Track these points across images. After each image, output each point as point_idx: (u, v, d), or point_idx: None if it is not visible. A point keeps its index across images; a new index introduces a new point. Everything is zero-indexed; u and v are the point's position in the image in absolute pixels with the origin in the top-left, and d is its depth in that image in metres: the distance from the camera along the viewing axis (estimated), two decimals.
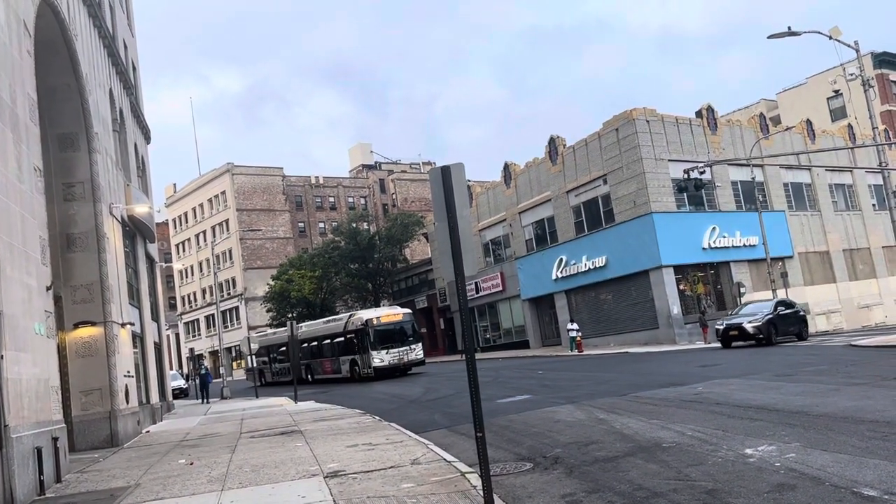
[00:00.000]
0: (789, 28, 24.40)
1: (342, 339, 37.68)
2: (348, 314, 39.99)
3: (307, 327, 42.60)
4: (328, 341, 39.42)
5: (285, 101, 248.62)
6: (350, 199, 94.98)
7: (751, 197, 40.43)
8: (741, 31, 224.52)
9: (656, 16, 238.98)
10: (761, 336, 27.40)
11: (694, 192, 34.47)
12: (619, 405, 13.95)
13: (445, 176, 7.71)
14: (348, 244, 68.13)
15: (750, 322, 27.61)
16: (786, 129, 45.31)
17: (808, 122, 47.39)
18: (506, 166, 49.83)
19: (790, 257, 42.32)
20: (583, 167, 42.29)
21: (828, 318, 43.42)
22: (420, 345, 36.25)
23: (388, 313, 36.44)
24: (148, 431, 20.19)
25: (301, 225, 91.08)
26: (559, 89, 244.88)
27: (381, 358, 34.27)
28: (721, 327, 28.65)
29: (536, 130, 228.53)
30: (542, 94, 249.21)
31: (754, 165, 38.73)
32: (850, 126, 48.52)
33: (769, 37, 24.66)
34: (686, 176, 29.42)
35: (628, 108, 40.23)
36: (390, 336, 35.04)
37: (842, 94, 56.39)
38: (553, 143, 44.84)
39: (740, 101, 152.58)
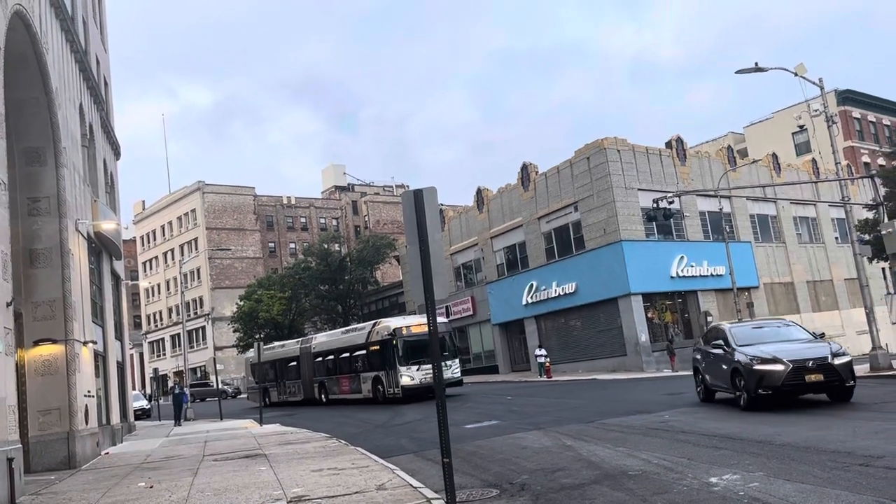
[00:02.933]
0: (756, 64, 25.00)
1: (364, 351, 31.73)
2: (372, 322, 33.22)
3: (322, 338, 37.39)
4: (346, 355, 33.08)
5: (255, 117, 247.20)
6: (322, 220, 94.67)
7: (718, 227, 41.12)
8: (713, 62, 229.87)
9: (630, 43, 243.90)
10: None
11: (663, 222, 35.01)
12: (587, 432, 13.96)
13: (418, 200, 7.74)
14: (319, 265, 67.81)
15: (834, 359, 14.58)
16: (752, 162, 46.31)
17: (774, 156, 48.49)
18: (478, 191, 50.14)
19: (756, 287, 43.01)
20: (554, 194, 42.70)
21: None
22: (457, 361, 30.31)
23: (421, 322, 29.11)
24: (107, 453, 19.70)
25: (271, 245, 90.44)
26: (533, 112, 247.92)
27: (410, 375, 28.27)
28: (781, 369, 14.28)
29: (510, 153, 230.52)
30: (516, 117, 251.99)
31: (722, 196, 39.46)
32: (814, 160, 49.74)
33: (737, 72, 25.23)
34: (655, 205, 29.85)
35: (600, 136, 40.90)
36: (422, 349, 28.41)
37: (806, 129, 57.81)
38: (525, 169, 45.25)
39: (710, 132, 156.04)
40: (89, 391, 18.49)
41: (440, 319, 29.68)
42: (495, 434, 15.10)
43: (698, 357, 17.98)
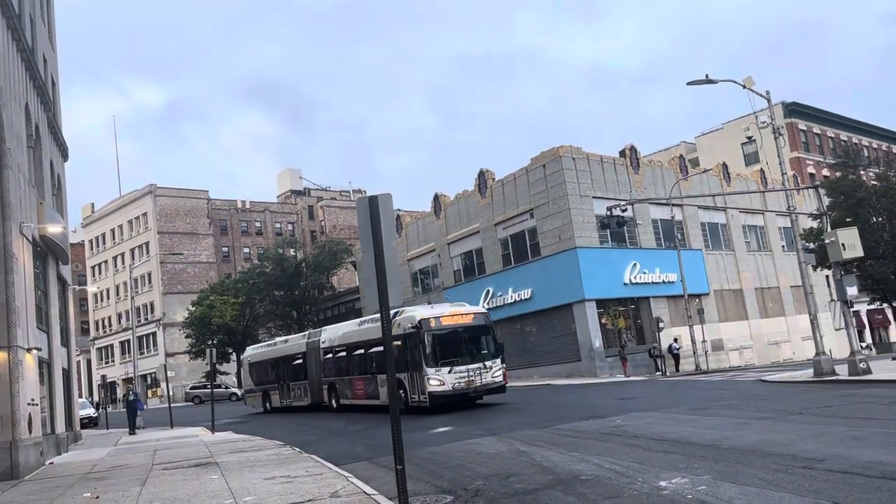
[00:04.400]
0: (707, 76, 25.64)
1: (382, 348, 26.54)
2: (393, 311, 23.85)
3: (333, 331, 31.33)
4: (361, 351, 27.42)
5: (208, 119, 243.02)
6: (277, 225, 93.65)
7: (670, 235, 41.94)
8: (668, 71, 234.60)
9: (587, 50, 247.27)
10: None
11: (616, 229, 35.57)
12: (540, 437, 14.08)
13: (373, 206, 7.74)
14: (274, 270, 67.05)
15: None
16: (703, 172, 47.43)
17: (724, 166, 49.69)
18: (436, 197, 50.22)
19: (706, 294, 43.95)
20: (511, 201, 43.03)
21: (740, 354, 45.20)
22: (500, 361, 23.93)
23: (454, 311, 24.37)
24: (52, 463, 19.14)
25: (225, 249, 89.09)
26: (491, 118, 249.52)
27: (440, 379, 22.48)
28: None
29: (468, 158, 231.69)
30: (475, 123, 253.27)
31: (674, 205, 40.29)
32: (762, 171, 51.13)
33: (688, 83, 25.83)
34: (609, 213, 30.31)
35: (557, 143, 41.39)
36: (456, 345, 23.48)
37: (755, 140, 59.40)
38: (482, 176, 45.51)
39: (666, 140, 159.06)
40: (33, 399, 17.95)
41: (475, 308, 25.40)
42: (450, 440, 15.12)
43: None
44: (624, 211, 29.49)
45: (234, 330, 65.55)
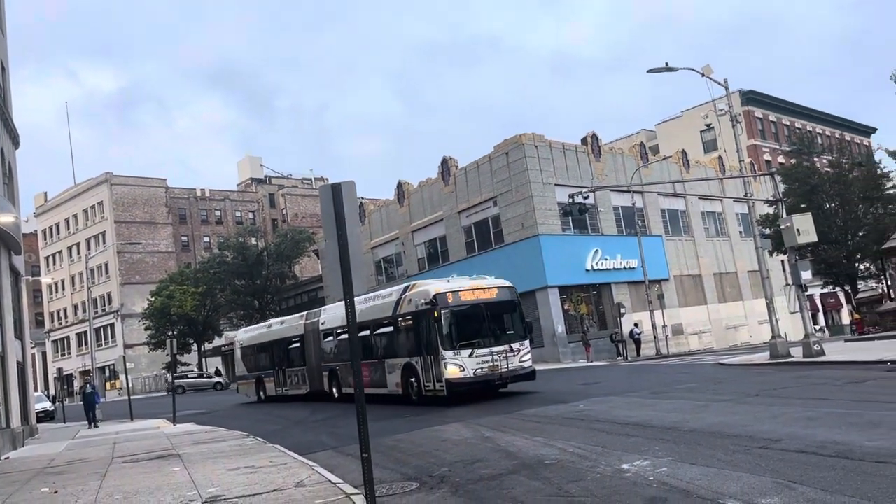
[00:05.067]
0: (667, 64, 25.93)
1: (390, 328, 22.33)
2: (403, 286, 22.88)
3: (334, 311, 26.80)
4: (366, 332, 23.12)
5: (164, 106, 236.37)
6: (238, 214, 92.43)
7: (631, 222, 42.47)
8: (630, 59, 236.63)
9: (550, 38, 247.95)
10: None
11: (578, 216, 35.88)
12: (505, 423, 14.20)
13: (336, 194, 7.66)
14: (235, 259, 66.27)
15: None
16: (663, 159, 48.06)
17: (684, 153, 50.43)
18: (399, 185, 50.04)
19: (666, 280, 44.66)
20: (474, 189, 43.09)
21: (699, 338, 46.09)
22: (527, 343, 20.93)
23: (475, 285, 20.98)
24: (7, 458, 18.69)
25: (184, 239, 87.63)
26: (455, 105, 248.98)
27: (459, 364, 19.10)
28: None
29: (432, 146, 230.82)
30: (438, 110, 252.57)
31: (634, 192, 40.78)
32: (720, 158, 52.00)
33: (648, 71, 26.12)
34: (571, 200, 30.55)
35: (520, 131, 41.57)
36: (478, 324, 20.09)
37: (713, 127, 60.35)
38: (446, 163, 45.47)
39: (628, 128, 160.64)
40: None
41: (503, 282, 22.03)
42: (416, 427, 15.15)
43: None
44: (586, 198, 29.78)
45: (194, 320, 64.79)
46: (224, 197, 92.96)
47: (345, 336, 24.25)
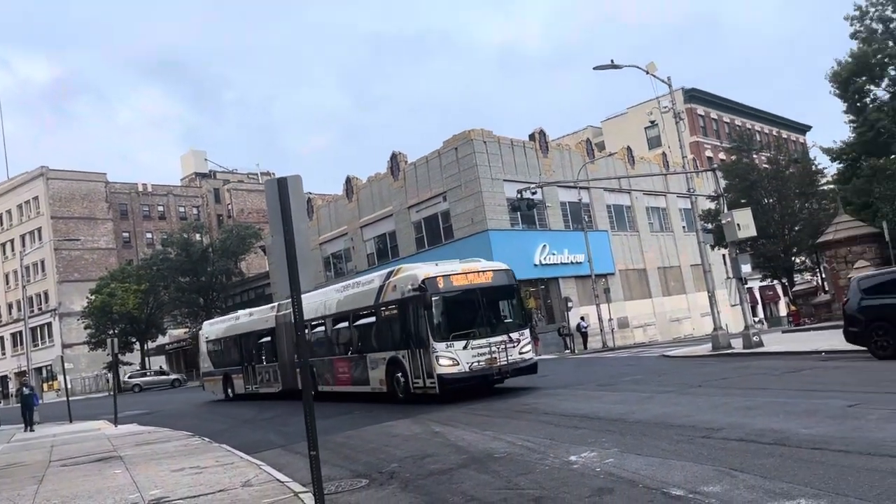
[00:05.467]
0: (612, 61, 26.30)
1: (373, 318, 19.95)
2: (387, 271, 20.33)
3: (308, 301, 21.44)
4: (345, 324, 21.35)
5: (103, 97, 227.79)
6: (181, 209, 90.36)
7: (577, 217, 43.05)
8: (577, 55, 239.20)
9: (498, 32, 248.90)
10: None
11: (526, 212, 36.12)
12: (455, 417, 14.23)
13: (282, 188, 7.54)
14: (179, 256, 64.82)
15: None
16: (609, 155, 48.83)
17: (629, 149, 51.34)
18: (348, 180, 49.68)
19: (612, 274, 45.45)
20: (424, 184, 43.06)
21: (644, 331, 47.06)
22: (528, 332, 18.75)
23: (468, 268, 18.57)
24: None
25: (126, 235, 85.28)
26: (403, 100, 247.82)
27: (453, 357, 17.00)
28: None
29: (381, 141, 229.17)
30: (387, 104, 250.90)
31: (581, 188, 41.33)
32: (664, 154, 53.11)
33: (594, 68, 26.42)
34: (519, 196, 30.78)
35: (468, 127, 41.64)
36: (472, 313, 17.95)
37: (657, 124, 61.53)
38: (395, 158, 45.31)
39: (572, 125, 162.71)
40: None
41: (499, 264, 19.52)
42: (365, 424, 15.07)
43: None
44: (534, 194, 30.04)
45: (137, 318, 63.21)
46: (167, 192, 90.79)
47: (321, 328, 22.94)
